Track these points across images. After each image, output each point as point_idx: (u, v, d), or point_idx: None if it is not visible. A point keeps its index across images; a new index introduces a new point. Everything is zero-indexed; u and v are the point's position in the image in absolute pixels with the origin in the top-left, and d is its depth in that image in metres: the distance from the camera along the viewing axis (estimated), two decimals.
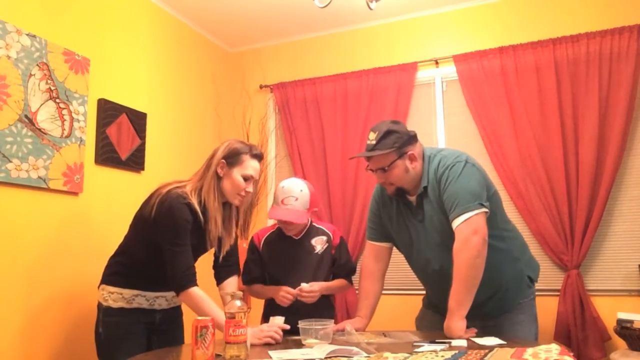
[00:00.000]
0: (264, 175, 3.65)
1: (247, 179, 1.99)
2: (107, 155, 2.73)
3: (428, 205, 1.99)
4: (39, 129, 2.36)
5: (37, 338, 2.31)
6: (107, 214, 2.73)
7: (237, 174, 1.98)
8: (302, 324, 1.83)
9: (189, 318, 1.65)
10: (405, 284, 3.07)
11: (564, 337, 2.81)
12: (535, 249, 2.86)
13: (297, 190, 2.20)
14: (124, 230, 2.09)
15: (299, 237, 2.29)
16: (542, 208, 2.93)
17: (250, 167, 2.00)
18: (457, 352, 1.55)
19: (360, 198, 3.30)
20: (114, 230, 2.50)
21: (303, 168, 3.53)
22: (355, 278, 2.36)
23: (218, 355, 1.56)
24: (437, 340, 1.74)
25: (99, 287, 2.06)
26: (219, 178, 1.99)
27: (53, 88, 2.44)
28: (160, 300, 2.05)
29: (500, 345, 1.65)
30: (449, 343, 1.70)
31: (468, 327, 1.85)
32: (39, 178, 2.35)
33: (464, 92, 3.22)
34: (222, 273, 2.19)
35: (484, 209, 1.86)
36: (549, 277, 2.91)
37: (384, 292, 2.29)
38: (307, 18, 3.51)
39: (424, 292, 2.30)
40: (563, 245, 2.88)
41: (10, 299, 2.22)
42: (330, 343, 1.73)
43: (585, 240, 2.83)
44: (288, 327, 1.88)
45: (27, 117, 2.31)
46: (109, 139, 2.76)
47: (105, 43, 2.83)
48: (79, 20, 2.66)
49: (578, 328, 2.78)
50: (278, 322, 1.90)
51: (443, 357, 1.48)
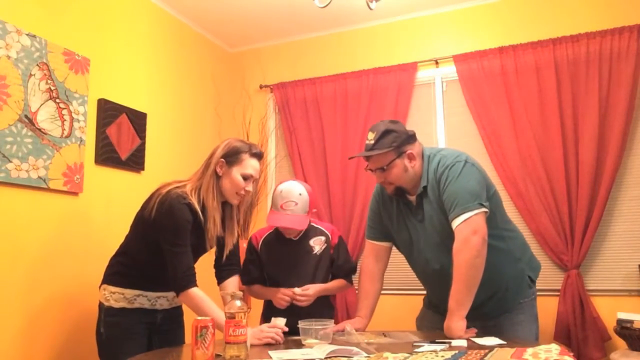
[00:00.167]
0: (264, 175, 3.65)
1: (246, 178, 1.98)
2: (107, 155, 2.73)
3: (428, 205, 1.99)
4: (39, 129, 2.36)
5: (37, 338, 2.31)
6: (107, 214, 2.73)
7: (236, 173, 1.96)
8: (302, 324, 1.83)
9: (190, 318, 1.64)
10: (406, 284, 3.07)
11: (564, 337, 2.81)
12: (535, 249, 2.85)
13: (296, 195, 2.18)
14: (124, 230, 2.09)
15: (297, 238, 2.28)
16: (542, 208, 2.93)
17: (250, 166, 1.99)
18: (457, 352, 1.55)
19: (360, 198, 3.30)
20: (114, 230, 2.50)
21: (303, 168, 3.53)
22: (355, 278, 2.35)
23: (218, 355, 1.56)
24: (437, 341, 1.74)
25: (100, 287, 2.06)
26: (218, 177, 1.97)
27: (53, 88, 2.44)
28: (162, 301, 2.05)
29: (500, 346, 1.65)
30: (449, 343, 1.70)
31: (468, 327, 1.85)
32: (39, 178, 2.35)
33: (464, 92, 3.22)
34: (223, 273, 2.18)
35: (484, 209, 1.86)
36: (549, 277, 2.91)
37: (384, 292, 2.28)
38: (307, 18, 3.51)
39: (425, 292, 2.30)
40: (563, 245, 2.88)
41: (11, 299, 2.22)
42: (330, 343, 1.73)
43: (585, 240, 2.84)
44: (287, 329, 1.88)
45: (27, 117, 2.31)
46: (109, 139, 2.76)
47: (105, 43, 2.83)
48: (79, 20, 2.66)
49: (578, 328, 2.78)
50: (279, 323, 1.90)
51: (443, 357, 1.48)
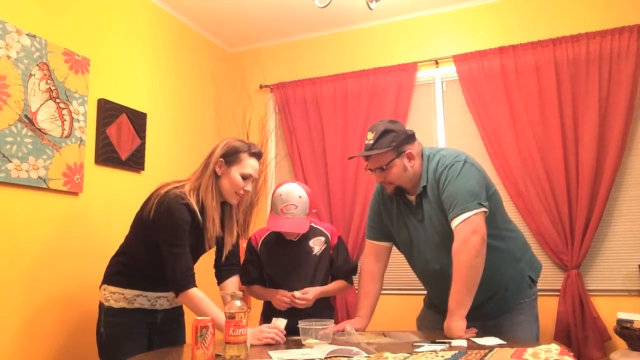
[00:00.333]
0: (264, 176, 3.65)
1: (245, 178, 1.97)
2: (107, 155, 2.73)
3: (427, 205, 1.99)
4: (39, 129, 2.36)
5: (37, 338, 2.31)
6: (107, 214, 2.73)
7: (235, 173, 1.96)
8: (302, 324, 1.83)
9: (190, 318, 1.64)
10: (406, 284, 3.07)
11: (564, 337, 2.81)
12: (536, 249, 2.84)
13: (296, 197, 2.18)
14: (124, 230, 2.09)
15: (297, 238, 2.27)
16: (542, 208, 2.93)
17: (249, 165, 1.98)
18: (457, 352, 1.55)
19: (360, 198, 3.30)
20: (114, 230, 2.50)
21: (303, 168, 3.53)
22: (355, 278, 2.35)
23: (218, 355, 1.56)
24: (437, 341, 1.74)
25: (101, 287, 2.06)
26: (217, 177, 1.97)
27: (53, 88, 2.44)
28: (162, 301, 2.04)
29: (500, 346, 1.65)
30: (449, 343, 1.70)
31: (468, 327, 1.85)
32: (39, 178, 2.35)
33: (464, 92, 3.22)
34: (223, 273, 2.18)
35: (483, 209, 1.86)
36: (549, 277, 2.91)
37: (385, 292, 2.28)
38: (307, 18, 3.51)
39: (425, 292, 2.30)
40: (563, 245, 2.88)
41: (11, 299, 2.22)
42: (330, 343, 1.73)
43: (585, 240, 2.84)
44: (285, 332, 1.87)
45: (27, 117, 2.31)
46: (109, 139, 2.76)
47: (105, 43, 2.83)
48: (79, 20, 2.66)
49: (578, 328, 2.78)
50: (280, 323, 1.90)
51: (443, 357, 1.48)
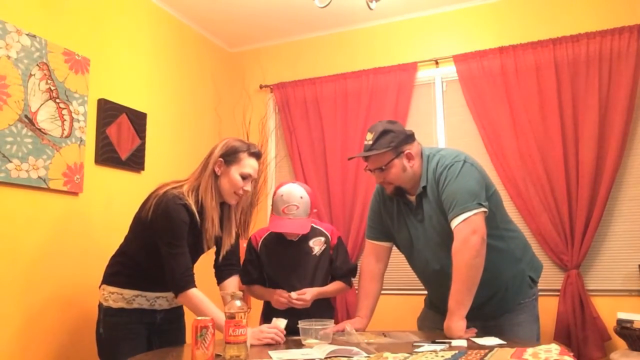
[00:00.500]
0: (264, 176, 3.65)
1: (245, 178, 1.97)
2: (107, 155, 2.73)
3: (427, 205, 1.99)
4: (39, 129, 2.36)
5: (36, 338, 2.31)
6: (106, 214, 2.73)
7: (234, 173, 1.96)
8: (302, 324, 1.83)
9: (190, 319, 1.64)
10: (406, 284, 3.07)
11: (564, 337, 2.81)
12: (536, 249, 2.83)
13: (297, 198, 2.17)
14: (124, 231, 2.09)
15: (297, 239, 2.27)
16: (542, 208, 2.93)
17: (249, 165, 1.98)
18: (457, 352, 1.55)
19: (360, 198, 3.30)
20: (114, 231, 2.50)
21: (303, 168, 3.53)
22: (355, 279, 2.35)
23: (218, 355, 1.56)
24: (437, 341, 1.74)
25: (100, 287, 2.06)
26: (217, 177, 1.97)
27: (53, 88, 2.44)
28: (161, 301, 2.04)
29: (500, 345, 1.65)
30: (449, 343, 1.70)
31: (468, 327, 1.85)
32: (39, 178, 2.35)
33: (464, 92, 3.22)
34: (222, 273, 2.18)
35: (483, 209, 1.86)
36: (549, 277, 2.90)
37: (385, 292, 2.28)
38: (307, 18, 3.51)
39: (426, 292, 2.30)
40: (563, 245, 2.88)
41: (10, 299, 2.22)
42: (330, 343, 1.73)
43: (585, 240, 2.83)
44: (285, 332, 1.87)
45: (27, 117, 2.31)
46: (109, 139, 2.76)
47: (105, 43, 2.83)
48: (79, 20, 2.66)
49: (578, 328, 2.78)
50: (280, 323, 1.90)
51: (443, 357, 1.48)
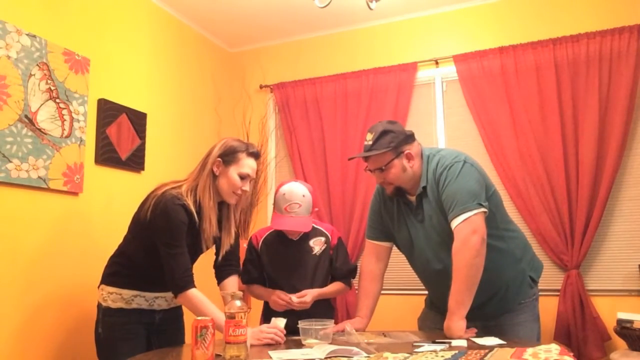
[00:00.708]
0: (264, 176, 3.65)
1: (243, 178, 1.97)
2: (107, 155, 2.73)
3: (427, 205, 1.99)
4: (39, 129, 2.36)
5: (35, 338, 2.31)
6: (106, 214, 2.73)
7: (233, 173, 1.96)
8: (302, 324, 1.83)
9: (190, 319, 1.64)
10: (407, 284, 3.07)
11: (564, 337, 2.81)
12: (536, 249, 2.83)
13: (299, 196, 2.18)
14: (124, 231, 2.09)
15: (298, 238, 2.28)
16: (542, 208, 2.93)
17: (247, 165, 1.98)
18: (457, 352, 1.55)
19: (360, 198, 3.30)
20: (114, 231, 2.50)
21: (303, 168, 3.53)
22: (355, 279, 2.35)
23: (218, 355, 1.56)
24: (437, 341, 1.74)
25: (99, 287, 2.06)
26: (215, 177, 1.97)
27: (53, 88, 2.44)
28: (160, 301, 2.04)
29: (500, 345, 1.65)
30: (449, 343, 1.70)
31: (469, 327, 1.85)
32: (39, 178, 2.35)
33: (464, 92, 3.22)
34: (222, 272, 2.18)
35: (483, 209, 1.86)
36: (549, 277, 2.90)
37: (385, 292, 2.28)
38: (307, 18, 3.51)
39: (426, 292, 2.30)
40: (563, 245, 2.88)
41: (9, 299, 2.22)
42: (330, 343, 1.73)
43: (585, 240, 2.83)
44: (285, 332, 1.87)
45: (27, 117, 2.31)
46: (109, 139, 2.76)
47: (105, 43, 2.83)
48: (79, 20, 2.66)
49: (578, 328, 2.78)
50: (279, 323, 1.90)
51: (443, 357, 1.48)
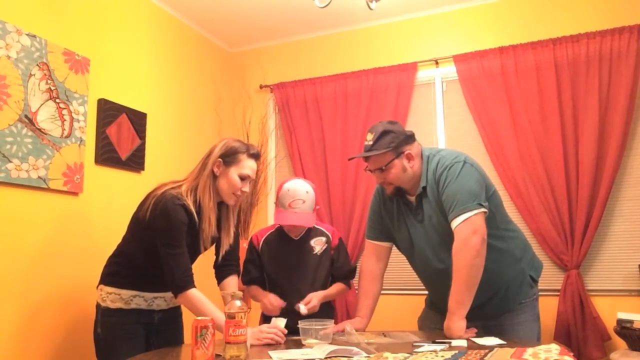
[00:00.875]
0: (264, 175, 3.65)
1: (243, 179, 1.97)
2: (107, 155, 2.73)
3: (427, 205, 1.99)
4: (39, 129, 2.36)
5: (34, 338, 2.31)
6: (106, 214, 2.73)
7: (233, 174, 1.96)
8: (302, 324, 1.83)
9: (189, 319, 1.64)
10: (407, 284, 3.07)
11: (564, 337, 2.81)
12: (536, 249, 2.84)
13: (303, 192, 2.18)
14: (124, 231, 2.09)
15: (299, 237, 2.28)
16: (542, 208, 2.93)
17: (248, 166, 1.98)
18: (457, 352, 1.55)
19: (360, 198, 3.30)
20: (114, 231, 2.49)
21: (303, 168, 3.53)
22: (355, 279, 2.35)
23: (218, 355, 1.56)
24: (437, 341, 1.74)
25: (98, 287, 2.05)
26: (215, 177, 1.97)
27: (53, 88, 2.44)
28: (159, 301, 2.04)
29: (500, 345, 1.65)
30: (449, 343, 1.70)
31: (469, 327, 1.85)
32: (39, 178, 2.35)
33: (464, 92, 3.22)
34: (222, 272, 2.18)
35: (483, 209, 1.86)
36: (549, 277, 2.90)
37: (385, 292, 2.28)
38: (307, 18, 3.51)
39: (426, 292, 2.30)
40: (563, 245, 2.88)
41: (9, 299, 2.22)
42: (330, 343, 1.73)
43: (585, 240, 2.83)
44: (286, 331, 1.87)
45: (27, 117, 2.31)
46: (109, 139, 2.76)
47: (105, 43, 2.83)
48: (79, 20, 2.66)
49: (578, 328, 2.78)
50: (280, 323, 1.89)
51: (443, 357, 1.48)
